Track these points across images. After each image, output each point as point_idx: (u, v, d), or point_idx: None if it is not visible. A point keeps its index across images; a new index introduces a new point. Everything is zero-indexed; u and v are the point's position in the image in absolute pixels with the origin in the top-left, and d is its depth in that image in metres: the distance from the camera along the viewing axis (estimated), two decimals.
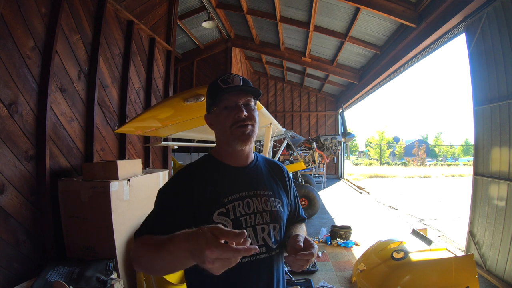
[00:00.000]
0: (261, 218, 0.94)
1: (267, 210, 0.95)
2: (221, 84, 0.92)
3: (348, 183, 11.94)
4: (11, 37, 2.17)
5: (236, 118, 0.90)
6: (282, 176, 1.09)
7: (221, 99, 0.92)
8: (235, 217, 0.90)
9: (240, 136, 0.91)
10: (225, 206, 0.90)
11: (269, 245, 0.94)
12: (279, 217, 0.98)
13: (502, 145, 3.14)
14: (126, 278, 2.39)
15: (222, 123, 0.92)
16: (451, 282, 2.40)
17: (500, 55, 3.10)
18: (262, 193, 0.97)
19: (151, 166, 4.32)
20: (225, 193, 0.92)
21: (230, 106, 0.91)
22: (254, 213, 0.93)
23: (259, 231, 0.93)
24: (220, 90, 0.91)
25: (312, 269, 3.43)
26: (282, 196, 1.03)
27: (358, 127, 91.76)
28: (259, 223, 0.93)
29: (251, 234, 0.91)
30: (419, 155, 28.96)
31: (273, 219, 0.96)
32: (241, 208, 0.92)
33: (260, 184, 0.99)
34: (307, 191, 5.83)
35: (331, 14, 6.12)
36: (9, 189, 2.13)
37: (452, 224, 5.68)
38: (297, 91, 13.59)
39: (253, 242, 0.90)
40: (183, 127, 2.69)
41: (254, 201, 0.95)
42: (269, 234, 0.94)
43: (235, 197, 0.92)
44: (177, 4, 4.97)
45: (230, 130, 0.91)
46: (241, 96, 0.92)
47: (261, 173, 1.03)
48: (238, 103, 0.91)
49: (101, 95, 3.26)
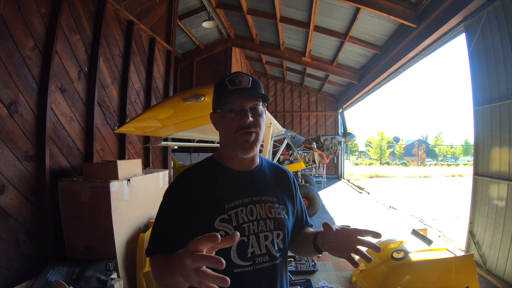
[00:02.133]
0: (264, 225, 0.90)
1: (271, 217, 0.91)
2: (228, 84, 0.87)
3: (348, 183, 11.94)
4: (11, 37, 2.17)
5: (241, 123, 0.85)
6: (287, 182, 1.04)
7: (227, 101, 0.87)
8: (238, 224, 0.86)
9: (243, 144, 0.87)
10: (227, 213, 0.86)
11: (272, 253, 0.90)
12: (283, 224, 0.93)
13: (502, 145, 3.14)
14: (126, 278, 2.39)
15: (226, 127, 0.88)
16: (451, 282, 2.40)
17: (500, 55, 3.10)
18: (266, 199, 0.93)
19: (151, 166, 4.32)
20: (227, 199, 0.88)
21: (236, 110, 0.86)
22: (257, 220, 0.89)
23: (262, 239, 0.89)
24: (227, 91, 0.86)
25: (312, 269, 3.43)
26: (287, 202, 0.99)
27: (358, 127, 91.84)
28: (262, 231, 0.89)
29: (254, 242, 0.87)
30: (419, 155, 28.96)
31: (277, 227, 0.92)
32: (244, 215, 0.88)
33: (264, 190, 0.95)
34: (307, 191, 5.83)
35: (331, 14, 6.12)
36: (9, 189, 2.13)
37: (452, 224, 5.67)
38: (297, 91, 13.59)
39: (256, 251, 0.87)
40: (183, 127, 2.70)
41: (258, 208, 0.91)
42: (273, 242, 0.90)
43: (238, 203, 0.89)
44: (177, 4, 4.97)
45: (233, 135, 0.87)
46: (248, 100, 0.87)
47: (266, 179, 0.98)
48: (245, 108, 0.86)
49: (101, 95, 3.26)
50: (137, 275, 2.41)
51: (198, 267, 0.56)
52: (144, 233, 2.45)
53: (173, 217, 0.88)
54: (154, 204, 2.94)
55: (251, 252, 0.86)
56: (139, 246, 2.40)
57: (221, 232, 0.84)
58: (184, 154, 8.44)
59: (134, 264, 2.43)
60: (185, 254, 0.59)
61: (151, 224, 2.64)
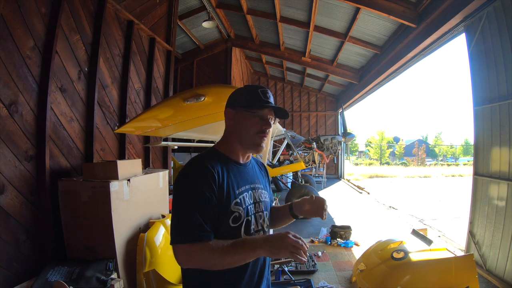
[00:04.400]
0: (259, 207, 1.12)
1: (262, 201, 1.14)
2: (261, 95, 1.06)
3: (348, 183, 11.94)
4: (11, 37, 2.17)
5: (263, 129, 1.06)
6: (266, 173, 1.29)
7: (261, 108, 1.05)
8: (245, 206, 1.04)
9: (258, 144, 1.07)
10: (239, 197, 1.04)
11: (264, 229, 1.13)
12: (268, 206, 1.18)
13: (502, 145, 3.14)
14: (126, 278, 2.39)
15: (248, 126, 1.05)
16: (451, 282, 2.40)
17: (500, 55, 3.10)
18: (258, 186, 1.15)
19: (151, 166, 4.32)
20: (238, 186, 1.06)
21: (265, 119, 1.06)
22: (255, 203, 1.10)
23: (259, 218, 1.10)
24: (263, 101, 1.05)
25: (312, 269, 3.43)
26: (267, 189, 1.23)
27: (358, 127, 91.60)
28: (258, 211, 1.11)
29: (253, 221, 1.07)
30: (419, 155, 28.96)
31: (265, 208, 1.15)
32: (248, 199, 1.07)
33: (256, 179, 1.16)
34: (307, 191, 5.83)
35: (331, 14, 6.12)
36: (9, 189, 2.13)
37: (452, 224, 5.67)
38: (297, 91, 13.59)
39: (255, 228, 1.08)
40: (183, 127, 2.70)
41: (255, 193, 1.11)
42: (264, 220, 1.13)
43: (244, 189, 1.07)
44: (177, 4, 4.97)
45: (253, 135, 1.05)
46: (273, 116, 1.09)
47: (255, 170, 1.20)
48: (271, 119, 1.07)
49: (101, 95, 3.26)
50: (137, 275, 2.41)
51: (297, 242, 0.87)
52: (144, 233, 2.45)
53: (209, 200, 0.96)
54: (154, 204, 2.94)
55: (253, 228, 1.07)
56: (139, 246, 2.40)
57: (236, 213, 1.01)
58: (184, 154, 8.43)
59: (134, 264, 2.42)
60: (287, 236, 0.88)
61: (151, 224, 2.64)
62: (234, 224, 1.00)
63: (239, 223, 1.01)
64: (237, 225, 1.01)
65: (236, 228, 1.01)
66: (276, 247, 0.88)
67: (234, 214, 1.00)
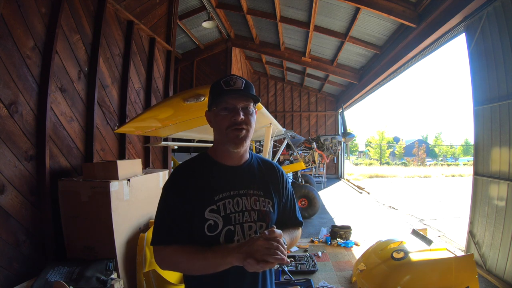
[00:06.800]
0: (248, 216, 0.98)
1: (256, 209, 0.99)
2: (223, 85, 0.95)
3: (348, 183, 11.94)
4: (11, 37, 2.17)
5: (232, 121, 0.93)
6: (275, 177, 1.10)
7: (221, 101, 0.95)
8: (225, 214, 0.95)
9: (234, 139, 0.95)
10: (216, 204, 0.95)
11: None
12: (267, 216, 1.01)
13: (502, 145, 3.14)
14: (126, 278, 2.39)
15: (219, 124, 0.96)
16: (451, 282, 2.40)
17: (500, 55, 3.10)
18: (252, 193, 1.01)
19: (151, 166, 4.32)
20: (217, 191, 0.97)
21: (229, 109, 0.94)
22: (242, 211, 0.97)
23: (246, 229, 0.97)
24: (221, 91, 0.94)
25: (312, 269, 3.43)
26: (273, 196, 1.05)
27: (358, 127, 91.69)
28: (247, 221, 0.97)
29: (239, 231, 0.95)
30: (419, 155, 28.96)
31: (260, 218, 0.99)
32: (231, 206, 0.96)
33: (251, 183, 1.02)
34: (307, 191, 5.82)
35: (331, 14, 6.12)
36: (9, 189, 2.13)
37: (452, 224, 5.67)
38: (297, 91, 13.59)
39: (241, 239, 0.95)
40: (183, 127, 2.70)
41: (244, 200, 0.98)
42: (256, 232, 0.97)
43: (226, 195, 0.97)
44: (177, 4, 4.97)
45: (225, 131, 0.95)
46: (241, 100, 0.95)
47: (254, 173, 1.06)
48: (237, 107, 0.94)
49: (101, 95, 3.26)
50: (137, 275, 2.41)
51: (270, 244, 0.79)
52: (144, 233, 2.45)
53: (175, 206, 0.95)
54: (154, 204, 2.91)
55: (237, 240, 0.95)
56: (139, 246, 2.40)
57: (210, 221, 0.93)
58: (184, 154, 8.43)
59: (134, 264, 2.42)
60: (258, 239, 0.82)
61: (151, 224, 2.64)
62: (210, 233, 0.92)
63: (216, 232, 0.93)
64: (213, 234, 0.92)
65: (214, 238, 0.92)
66: (246, 252, 0.81)
67: (208, 222, 0.92)
